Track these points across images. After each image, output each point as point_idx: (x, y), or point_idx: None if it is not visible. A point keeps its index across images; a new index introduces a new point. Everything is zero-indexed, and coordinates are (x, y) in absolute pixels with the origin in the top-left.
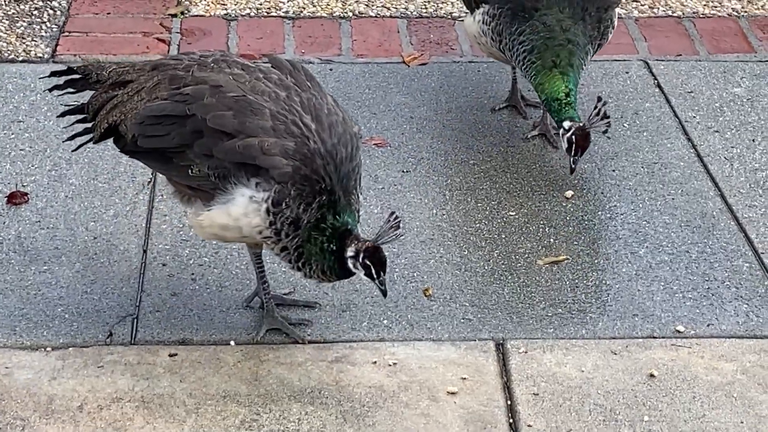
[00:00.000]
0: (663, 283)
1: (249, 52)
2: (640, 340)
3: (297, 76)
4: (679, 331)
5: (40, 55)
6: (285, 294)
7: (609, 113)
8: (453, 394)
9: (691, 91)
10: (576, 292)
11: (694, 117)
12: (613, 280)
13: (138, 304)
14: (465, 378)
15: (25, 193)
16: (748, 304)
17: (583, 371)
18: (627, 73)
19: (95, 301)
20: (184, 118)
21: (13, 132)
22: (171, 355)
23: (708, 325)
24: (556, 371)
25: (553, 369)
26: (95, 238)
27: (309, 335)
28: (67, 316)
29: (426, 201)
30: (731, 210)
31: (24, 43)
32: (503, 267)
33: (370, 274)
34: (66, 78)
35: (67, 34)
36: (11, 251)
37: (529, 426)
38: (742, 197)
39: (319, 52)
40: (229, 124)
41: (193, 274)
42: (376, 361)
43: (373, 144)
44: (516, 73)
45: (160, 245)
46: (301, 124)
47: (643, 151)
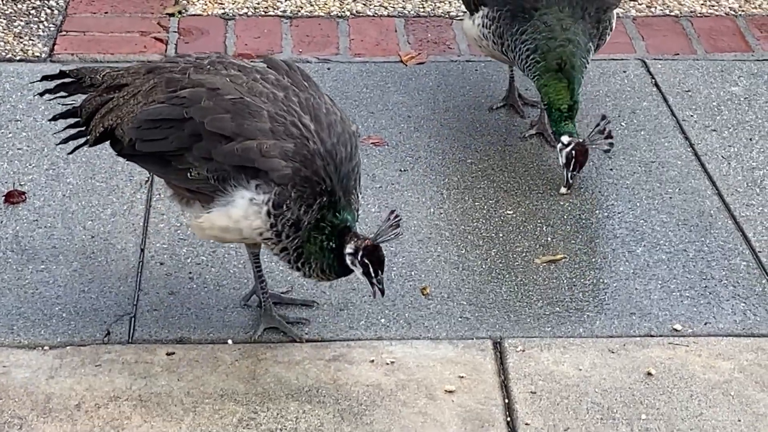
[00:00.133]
0: (660, 282)
1: (246, 52)
2: (638, 339)
3: (293, 76)
4: (676, 330)
5: (38, 54)
6: (283, 293)
7: (612, 133)
8: (450, 392)
9: (689, 90)
10: (573, 291)
11: (692, 116)
12: (611, 279)
13: (135, 303)
14: (462, 376)
15: (23, 192)
16: (745, 303)
17: (580, 370)
18: (624, 72)
19: (93, 300)
20: (182, 122)
21: (10, 131)
22: (168, 354)
23: (705, 323)
24: (554, 370)
25: (550, 367)
26: (93, 237)
27: (307, 334)
28: (64, 315)
29: (423, 200)
30: (728, 209)
31: (21, 42)
32: (501, 266)
33: (367, 272)
34: (58, 82)
35: (64, 33)
36: (9, 250)
37: (526, 424)
38: (739, 196)
39: (316, 52)
40: (227, 127)
41: (190, 272)
42: (373, 360)
43: (371, 143)
44: (513, 72)
45: (158, 244)
46: (300, 125)
47: (641, 149)
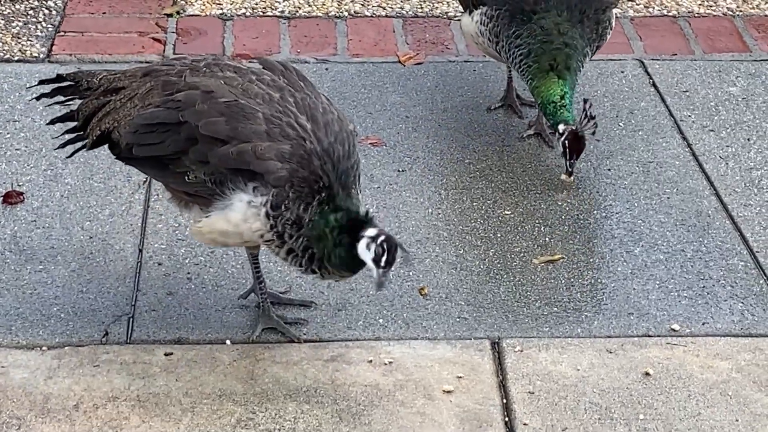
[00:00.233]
0: (658, 282)
1: (244, 52)
2: (636, 339)
3: (289, 76)
4: (674, 330)
5: (36, 54)
6: (281, 293)
7: (594, 114)
8: (449, 392)
9: (687, 91)
10: (571, 291)
11: (690, 116)
12: (609, 279)
13: (134, 304)
14: (461, 377)
15: (21, 193)
16: (743, 303)
17: (578, 370)
18: (622, 72)
19: (91, 301)
20: (178, 125)
21: (8, 132)
22: (167, 354)
23: (703, 323)
24: (552, 370)
25: (548, 367)
26: (91, 238)
27: (305, 334)
28: (62, 315)
29: (422, 200)
30: (726, 209)
31: (19, 42)
32: (499, 266)
33: (378, 260)
34: (55, 86)
35: (62, 33)
36: (7, 251)
37: (524, 424)
38: (737, 196)
39: (314, 52)
40: (222, 131)
41: (188, 273)
42: (371, 360)
43: (369, 143)
44: (511, 72)
45: (156, 244)
46: (296, 126)
47: (639, 150)
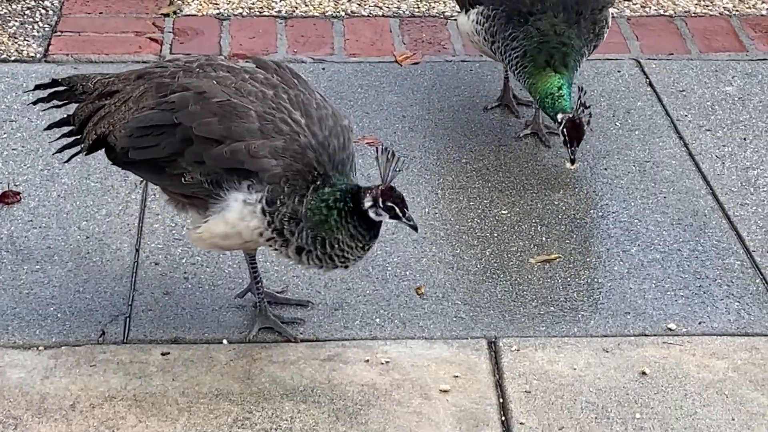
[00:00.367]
0: (655, 281)
1: (241, 52)
2: (632, 338)
3: (282, 74)
4: (670, 329)
5: (33, 54)
6: (278, 292)
7: (589, 104)
8: (445, 392)
9: (683, 90)
10: (568, 291)
11: (686, 116)
12: (605, 279)
13: (130, 303)
14: (457, 376)
15: (18, 193)
16: (739, 302)
17: (575, 369)
18: (619, 72)
19: (88, 300)
20: (173, 127)
21: (5, 131)
22: (163, 354)
23: (699, 322)
24: (548, 369)
25: (545, 367)
26: (88, 238)
27: (301, 334)
28: (59, 315)
29: (418, 200)
30: (723, 208)
31: (16, 42)
32: (495, 265)
33: (395, 214)
34: (50, 90)
35: (59, 33)
36: (3, 251)
37: (521, 424)
38: (733, 195)
39: (311, 52)
40: (215, 131)
41: (185, 273)
42: (368, 360)
43: (366, 143)
44: (508, 71)
45: (153, 244)
46: (290, 121)
47: (635, 149)
